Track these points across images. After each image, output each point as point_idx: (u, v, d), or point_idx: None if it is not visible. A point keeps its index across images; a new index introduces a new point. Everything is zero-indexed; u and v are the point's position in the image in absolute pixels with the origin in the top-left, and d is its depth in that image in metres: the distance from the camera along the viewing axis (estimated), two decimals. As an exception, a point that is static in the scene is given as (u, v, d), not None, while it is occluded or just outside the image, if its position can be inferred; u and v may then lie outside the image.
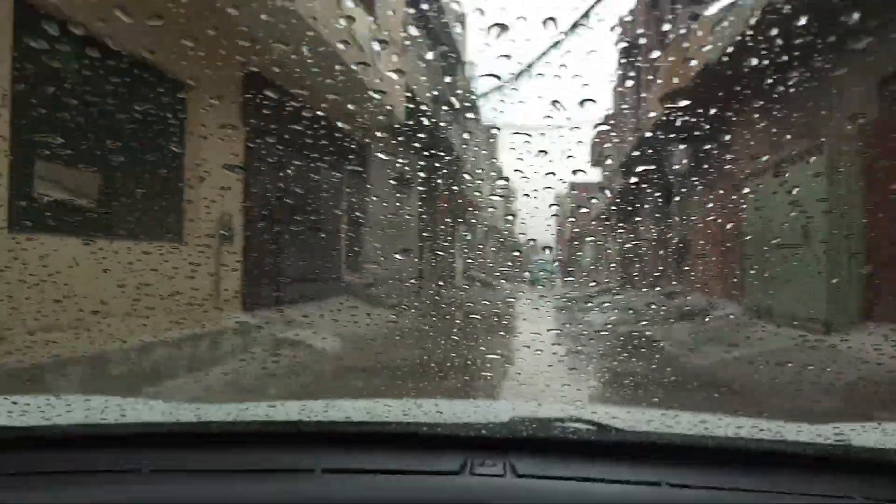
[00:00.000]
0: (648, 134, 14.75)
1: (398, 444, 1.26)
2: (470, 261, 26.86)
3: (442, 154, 17.55)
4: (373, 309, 10.74)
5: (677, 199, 14.80)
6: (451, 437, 1.25)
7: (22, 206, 4.54)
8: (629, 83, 19.83)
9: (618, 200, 22.82)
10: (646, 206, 18.24)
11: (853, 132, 7.65)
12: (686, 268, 14.48)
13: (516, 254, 34.40)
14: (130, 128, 5.78)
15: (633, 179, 18.31)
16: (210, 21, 5.63)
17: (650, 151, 15.27)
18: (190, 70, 6.39)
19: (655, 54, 15.48)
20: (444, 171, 19.10)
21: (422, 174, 17.19)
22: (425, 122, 14.51)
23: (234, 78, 7.29)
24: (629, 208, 21.19)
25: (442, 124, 16.69)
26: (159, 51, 5.73)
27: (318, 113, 9.54)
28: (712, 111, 11.00)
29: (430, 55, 14.46)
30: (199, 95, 6.63)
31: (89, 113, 5.26)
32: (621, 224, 23.49)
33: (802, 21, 6.31)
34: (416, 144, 15.09)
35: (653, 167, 15.58)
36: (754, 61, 7.74)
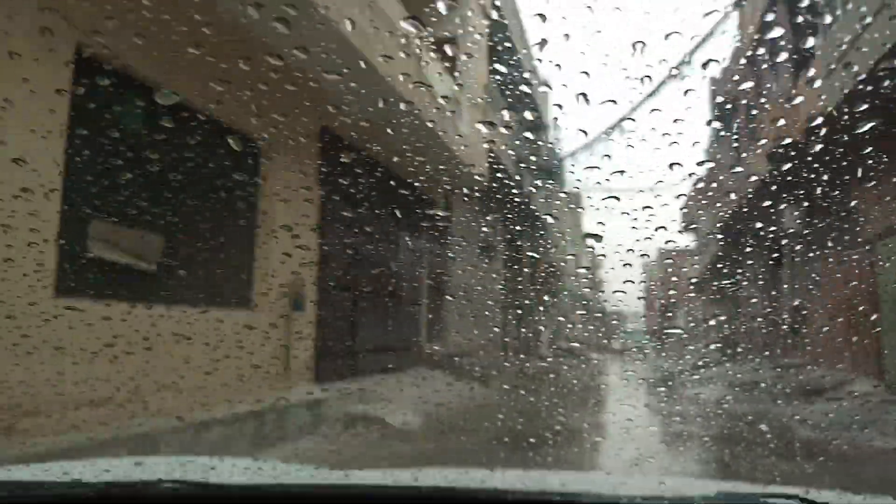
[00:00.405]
0: (751, 193, 13.59)
1: None
2: (556, 330, 25.69)
3: (525, 218, 16.95)
4: (455, 381, 9.99)
5: (789, 261, 13.41)
6: None
7: (71, 267, 4.19)
8: (725, 141, 18.75)
9: (717, 265, 21.29)
10: (750, 271, 16.76)
11: None
12: (803, 338, 12.91)
13: (605, 323, 32.84)
14: (197, 188, 5.48)
15: (734, 242, 16.96)
16: (287, 78, 5.33)
17: (755, 212, 14.05)
18: (264, 128, 6.12)
19: (754, 111, 14.48)
20: (528, 236, 18.43)
21: (505, 239, 16.58)
22: (508, 184, 14.02)
23: (311, 137, 7.01)
24: (730, 273, 19.65)
25: (526, 187, 16.17)
26: (231, 108, 5.48)
27: (397, 174, 9.20)
28: (830, 166, 9.91)
29: (511, 115, 14.09)
30: (272, 154, 6.33)
31: (152, 171, 4.98)
32: (721, 291, 21.82)
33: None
34: (499, 208, 14.58)
35: (759, 229, 14.31)
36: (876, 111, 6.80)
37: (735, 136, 17.00)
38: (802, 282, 12.77)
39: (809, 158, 10.18)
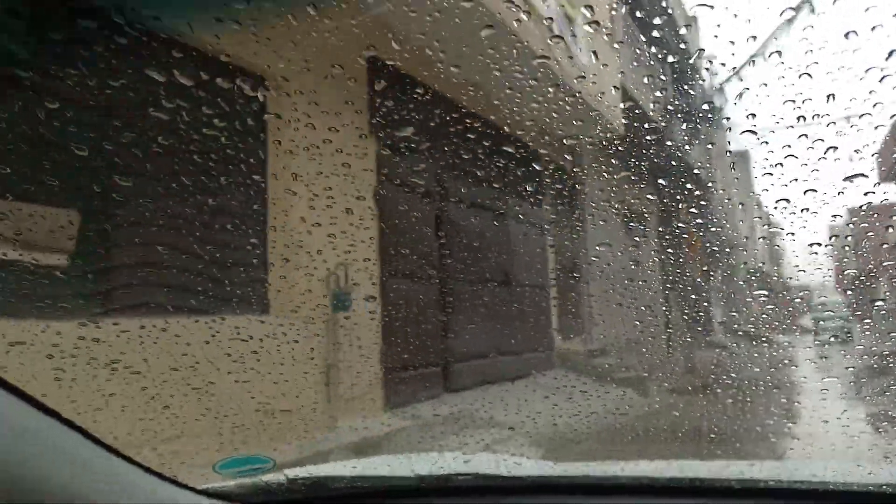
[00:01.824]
0: None
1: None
2: (733, 313, 21.95)
3: (681, 179, 13.93)
4: (601, 387, 7.63)
5: None
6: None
7: None
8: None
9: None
10: None
11: None
12: None
13: (790, 300, 28.14)
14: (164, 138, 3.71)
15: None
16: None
17: None
18: (282, 57, 4.28)
19: None
20: (686, 201, 15.30)
21: (657, 207, 13.68)
22: (654, 136, 11.25)
23: (356, 66, 5.08)
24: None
25: (677, 141, 13.19)
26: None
27: (498, 121, 7.03)
28: None
29: (649, 48, 11.29)
30: (292, 90, 4.45)
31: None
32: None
33: None
34: (645, 167, 11.83)
35: None
36: None
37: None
38: None
39: None
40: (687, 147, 14.95)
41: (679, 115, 13.93)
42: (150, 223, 3.80)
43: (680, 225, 16.05)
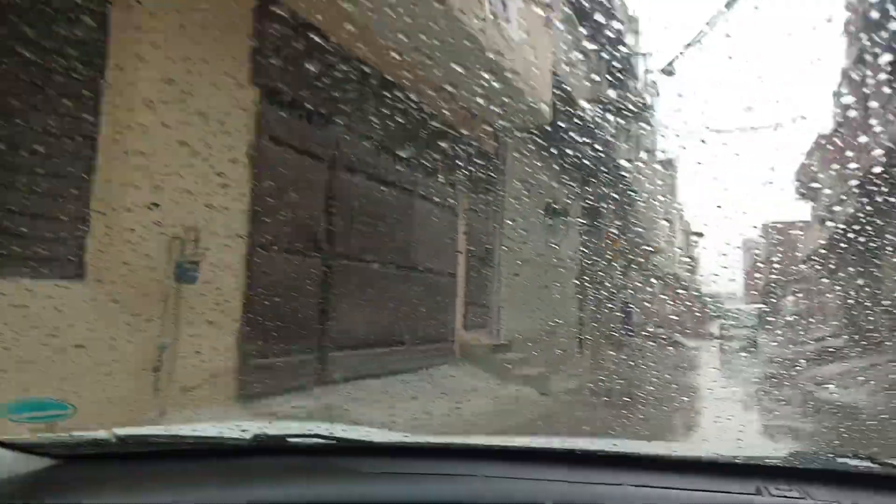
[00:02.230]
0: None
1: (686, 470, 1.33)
2: (646, 315, 22.22)
3: (608, 177, 13.71)
4: (500, 384, 7.18)
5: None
6: (737, 465, 1.33)
7: None
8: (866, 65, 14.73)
9: (846, 236, 17.20)
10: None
11: None
12: None
13: (703, 305, 28.91)
14: None
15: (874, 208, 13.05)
16: None
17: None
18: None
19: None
20: (611, 200, 15.13)
21: (580, 202, 13.41)
22: (582, 129, 10.89)
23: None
24: (866, 246, 15.59)
25: (606, 135, 12.93)
26: None
27: (413, 92, 6.41)
28: None
29: (587, 40, 10.91)
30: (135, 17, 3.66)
31: None
32: (851, 268, 17.61)
33: None
34: (571, 160, 11.49)
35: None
36: None
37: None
38: None
39: None
40: (615, 146, 14.74)
41: (610, 113, 13.68)
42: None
43: (602, 223, 15.94)
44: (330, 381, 4.85)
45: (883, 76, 14.02)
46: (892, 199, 12.75)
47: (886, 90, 13.68)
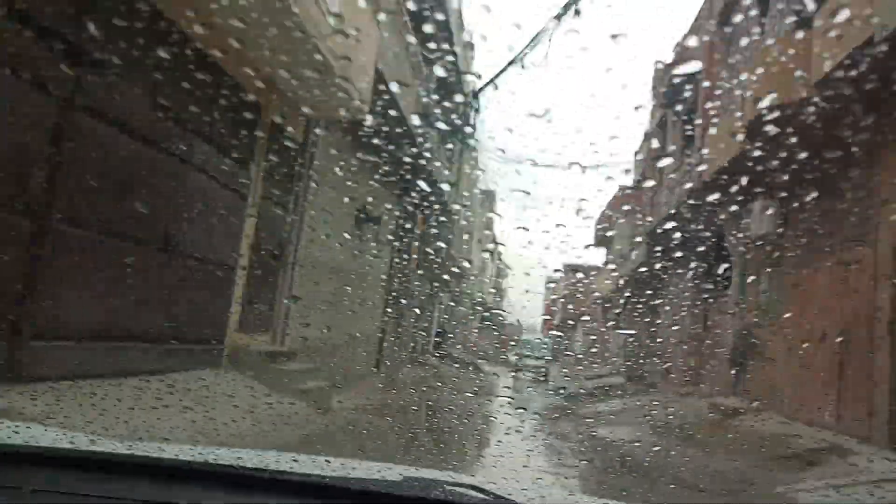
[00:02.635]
0: (705, 184, 10.69)
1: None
2: (450, 337, 22.34)
3: (426, 191, 13.42)
4: (272, 397, 6.28)
5: (745, 273, 10.57)
6: (339, 488, 1.31)
7: None
8: (670, 128, 16.07)
9: (638, 279, 18.60)
10: (685, 286, 13.94)
11: None
12: (751, 373, 10.09)
13: (506, 335, 29.89)
14: None
15: (664, 251, 14.15)
16: None
17: (701, 214, 11.18)
18: None
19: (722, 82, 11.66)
20: (427, 215, 14.88)
21: (395, 212, 12.95)
22: (404, 136, 10.44)
23: None
24: (653, 290, 16.92)
25: (429, 147, 12.62)
26: None
27: (202, 50, 5.41)
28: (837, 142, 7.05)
29: (411, 38, 10.51)
30: None
31: None
32: (640, 310, 19.06)
33: None
34: (388, 166, 10.98)
35: (707, 235, 11.43)
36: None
37: (686, 119, 14.19)
38: (763, 304, 9.94)
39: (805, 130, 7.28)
40: (435, 162, 14.54)
41: (432, 128, 13.45)
42: None
43: (416, 239, 15.65)
44: (16, 378, 3.68)
45: (674, 146, 15.42)
46: (670, 261, 13.86)
47: (677, 155, 14.97)
